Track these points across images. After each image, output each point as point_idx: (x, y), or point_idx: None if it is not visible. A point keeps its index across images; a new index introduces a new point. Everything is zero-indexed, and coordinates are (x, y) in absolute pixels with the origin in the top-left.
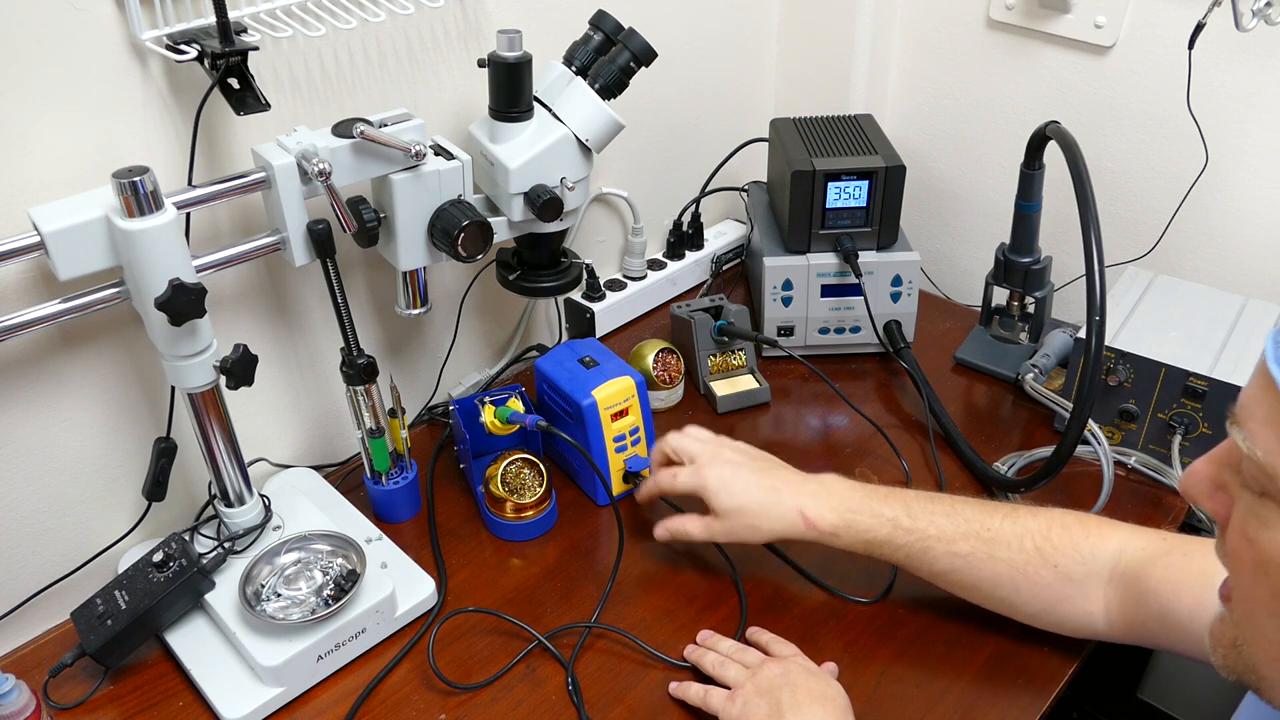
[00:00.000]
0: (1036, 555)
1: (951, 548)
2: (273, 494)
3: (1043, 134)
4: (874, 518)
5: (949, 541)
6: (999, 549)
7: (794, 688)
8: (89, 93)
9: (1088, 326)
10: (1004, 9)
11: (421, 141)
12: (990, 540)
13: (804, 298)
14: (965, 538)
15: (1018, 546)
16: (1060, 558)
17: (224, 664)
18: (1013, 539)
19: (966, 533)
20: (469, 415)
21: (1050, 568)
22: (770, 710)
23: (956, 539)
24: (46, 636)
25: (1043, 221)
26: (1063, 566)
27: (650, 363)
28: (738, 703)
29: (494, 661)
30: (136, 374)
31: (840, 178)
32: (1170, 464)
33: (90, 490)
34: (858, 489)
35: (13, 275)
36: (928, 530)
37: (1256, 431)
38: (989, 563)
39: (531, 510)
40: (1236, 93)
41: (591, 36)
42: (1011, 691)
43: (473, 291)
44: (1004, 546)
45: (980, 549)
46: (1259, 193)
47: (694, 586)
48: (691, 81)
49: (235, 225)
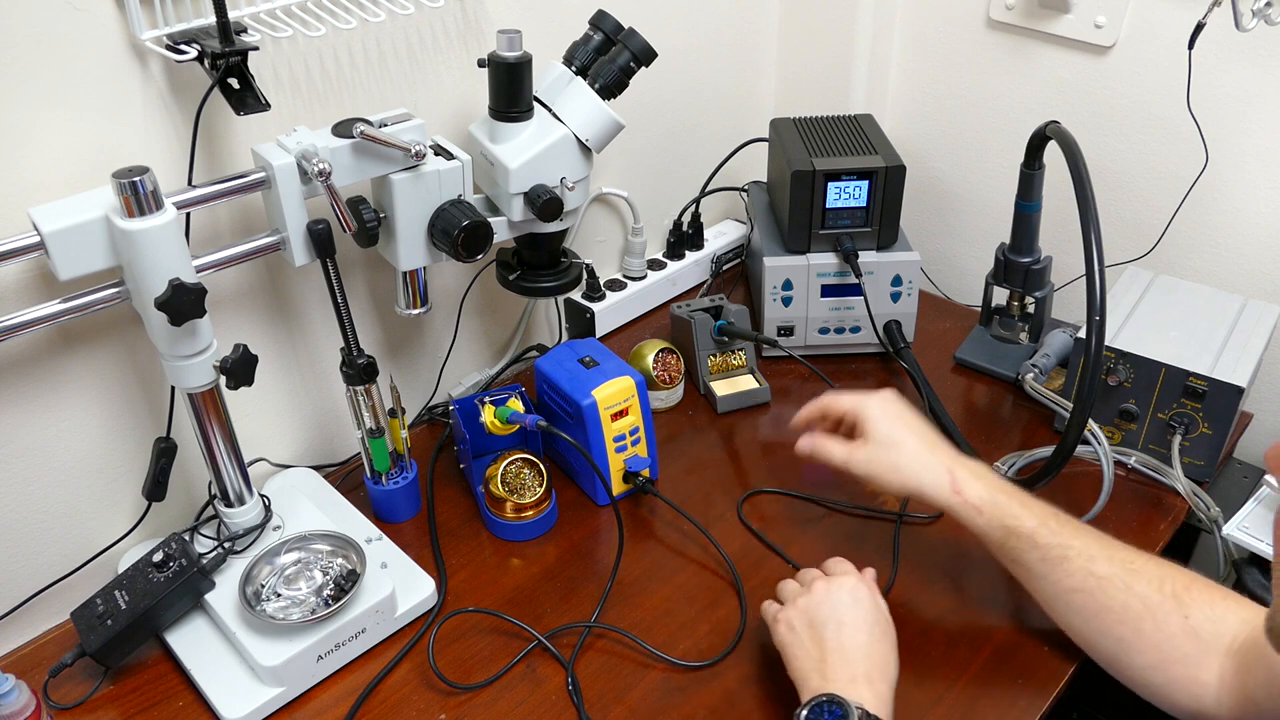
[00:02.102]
0: (1173, 600)
1: (1091, 565)
2: (273, 494)
3: (1043, 134)
4: (1024, 508)
5: (1090, 559)
6: (1137, 582)
7: (840, 624)
8: (89, 93)
9: (1088, 326)
10: (1004, 9)
11: (421, 141)
12: (1132, 571)
13: (804, 298)
14: (1108, 561)
15: (1157, 586)
16: (1195, 611)
17: (224, 664)
18: (1154, 578)
19: (1110, 557)
20: (469, 415)
21: (1182, 618)
22: (813, 648)
23: (1099, 558)
24: (46, 636)
25: (1043, 221)
26: (1194, 620)
27: (650, 363)
28: (783, 626)
29: (494, 661)
30: (136, 374)
31: (840, 178)
32: (1170, 464)
33: (90, 490)
34: (1008, 481)
35: (13, 275)
36: (1071, 539)
37: None
38: (1123, 593)
39: (531, 510)
40: (1236, 93)
41: (591, 36)
42: (1011, 691)
43: (473, 291)
44: (1144, 581)
45: (1119, 576)
46: (1259, 193)
47: (694, 586)
48: (691, 81)
49: (235, 225)
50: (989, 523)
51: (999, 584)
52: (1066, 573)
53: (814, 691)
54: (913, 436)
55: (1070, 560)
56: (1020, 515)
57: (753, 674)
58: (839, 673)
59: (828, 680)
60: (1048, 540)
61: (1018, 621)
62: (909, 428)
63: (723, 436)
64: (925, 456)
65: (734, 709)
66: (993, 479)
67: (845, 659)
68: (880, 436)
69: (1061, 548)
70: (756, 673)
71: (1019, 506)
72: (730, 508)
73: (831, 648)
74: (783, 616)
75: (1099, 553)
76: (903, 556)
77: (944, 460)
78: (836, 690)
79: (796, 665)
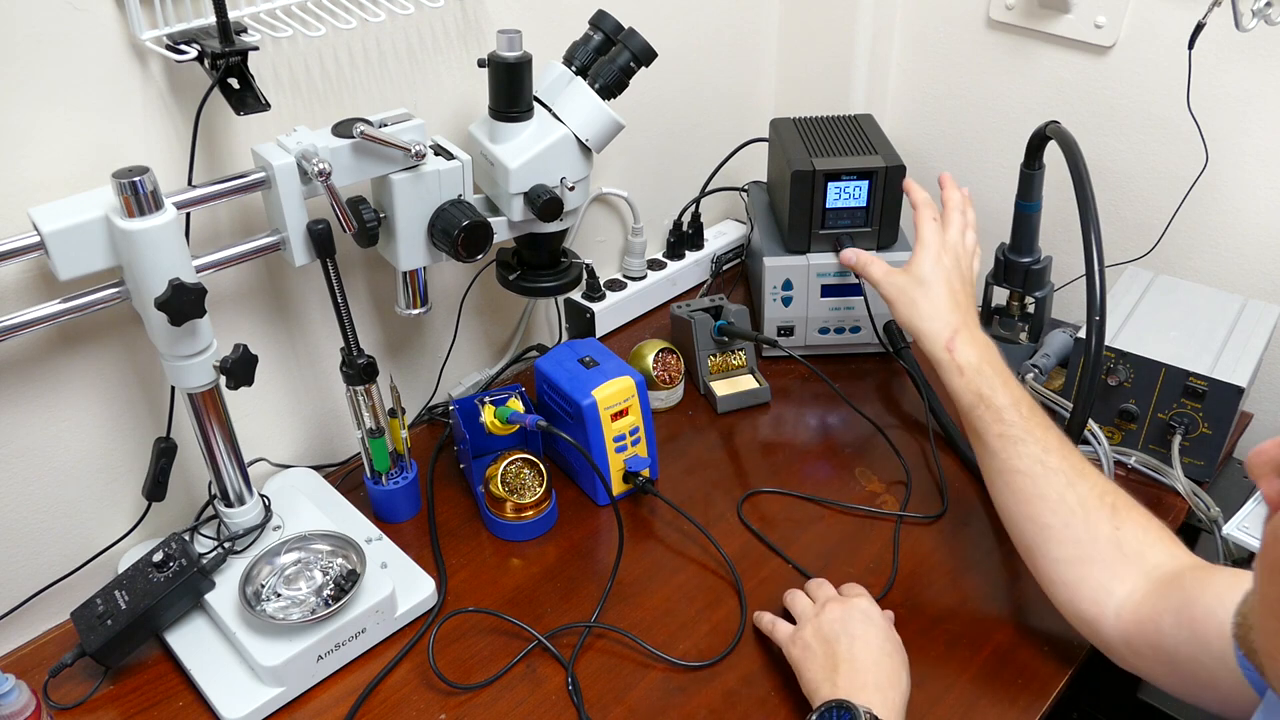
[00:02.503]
0: (1109, 510)
1: (1044, 455)
2: (273, 494)
3: (1043, 134)
4: (1004, 385)
5: (1045, 450)
6: (1081, 484)
7: (852, 639)
8: (89, 93)
9: (1088, 326)
10: (1004, 9)
11: (421, 141)
12: (1080, 474)
13: (804, 298)
14: (1062, 458)
15: (1098, 495)
16: (1126, 527)
17: (224, 664)
18: (1098, 486)
19: (1065, 456)
20: (469, 415)
21: (1112, 528)
22: (826, 660)
23: (1053, 453)
24: (46, 636)
25: (1043, 221)
26: (1123, 533)
27: (650, 363)
28: (798, 646)
29: (494, 661)
30: (136, 374)
31: (840, 178)
32: (1170, 464)
33: (90, 490)
34: (1002, 359)
35: (13, 275)
36: (1035, 429)
37: None
38: (1063, 488)
39: (531, 510)
40: (1236, 93)
41: (591, 36)
42: (1011, 691)
43: (473, 291)
44: (1087, 486)
45: (1066, 473)
46: (1259, 193)
47: (694, 586)
48: (691, 81)
49: (235, 225)
50: (965, 385)
51: (999, 584)
52: (1017, 454)
53: (825, 698)
54: (944, 287)
55: (1025, 445)
56: (997, 390)
57: (753, 674)
58: (850, 681)
59: (838, 689)
60: (1012, 420)
61: (1018, 621)
62: (947, 278)
63: (723, 436)
64: (942, 307)
65: (734, 709)
66: (990, 352)
67: (856, 669)
68: (918, 272)
69: (1022, 432)
70: (756, 673)
71: (999, 382)
72: (730, 508)
73: (843, 659)
74: (797, 637)
75: (1056, 449)
76: (903, 556)
77: (958, 317)
78: (847, 697)
79: (809, 677)
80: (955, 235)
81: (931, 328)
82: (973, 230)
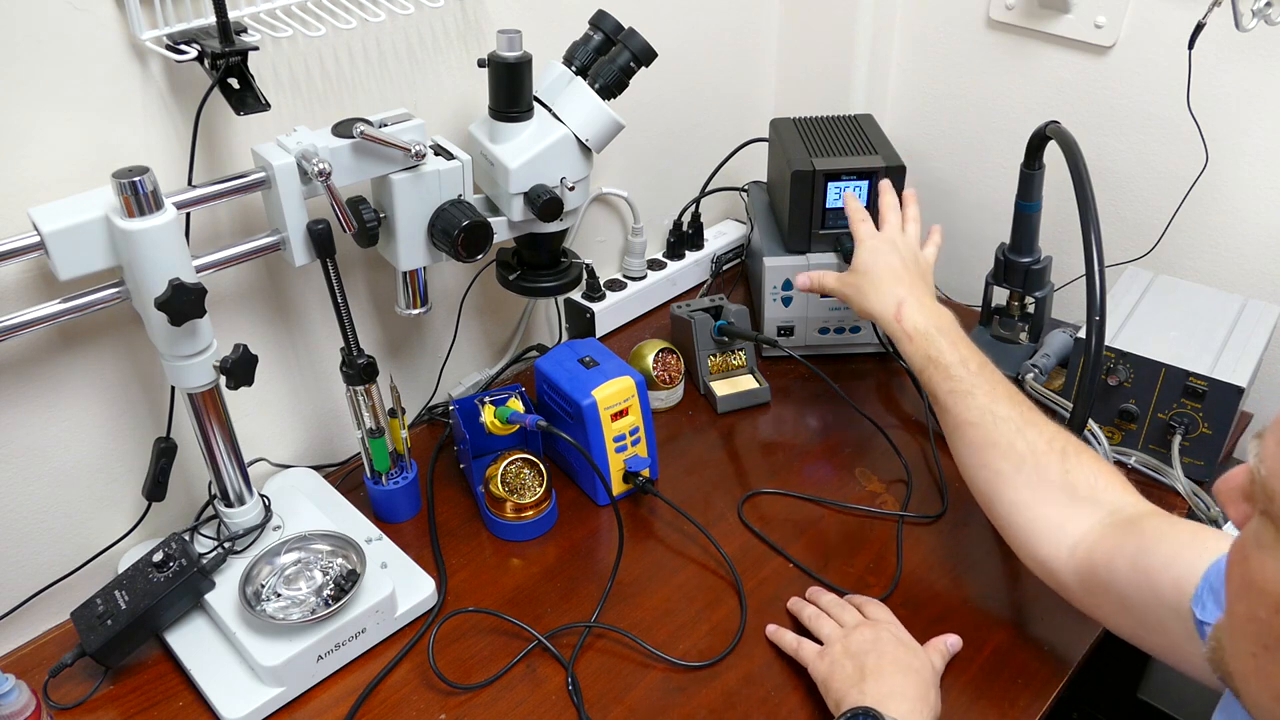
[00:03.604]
0: (1059, 455)
1: (994, 406)
2: (273, 494)
3: (1043, 134)
4: (951, 346)
5: (994, 400)
6: (1030, 430)
7: (880, 654)
8: (89, 93)
9: (1088, 326)
10: (1004, 9)
11: (421, 141)
12: (1029, 422)
13: (804, 298)
14: (1011, 406)
15: (1047, 440)
16: (1076, 470)
17: (224, 664)
18: (1047, 433)
19: (1014, 405)
20: (469, 415)
21: (1063, 472)
22: (854, 672)
23: (1002, 402)
24: (46, 636)
25: (1043, 221)
26: (1073, 476)
27: (650, 363)
28: (826, 661)
29: (494, 661)
30: (136, 374)
31: (840, 178)
32: (1170, 464)
33: (90, 490)
34: (956, 325)
35: (13, 275)
36: (983, 383)
37: (1272, 452)
38: (1013, 435)
39: (531, 510)
40: (1236, 93)
41: (591, 36)
42: (1011, 691)
43: (473, 291)
44: (1036, 432)
45: (1014, 420)
46: (1259, 193)
47: (694, 586)
48: (691, 81)
49: (235, 225)
50: (915, 349)
51: (999, 584)
52: (967, 407)
53: (851, 705)
54: (885, 269)
55: (974, 398)
56: (944, 350)
57: (753, 674)
58: (877, 689)
59: (866, 696)
60: (960, 375)
61: (1018, 621)
62: (887, 262)
63: (723, 436)
64: (886, 286)
65: (734, 709)
66: (941, 318)
67: (883, 679)
68: (859, 265)
69: (971, 386)
70: (756, 673)
71: (947, 343)
72: (730, 508)
73: (871, 670)
74: (825, 654)
75: (1005, 399)
76: (903, 556)
77: (899, 290)
78: (872, 704)
79: (835, 687)
80: (890, 230)
81: (879, 306)
82: (913, 223)
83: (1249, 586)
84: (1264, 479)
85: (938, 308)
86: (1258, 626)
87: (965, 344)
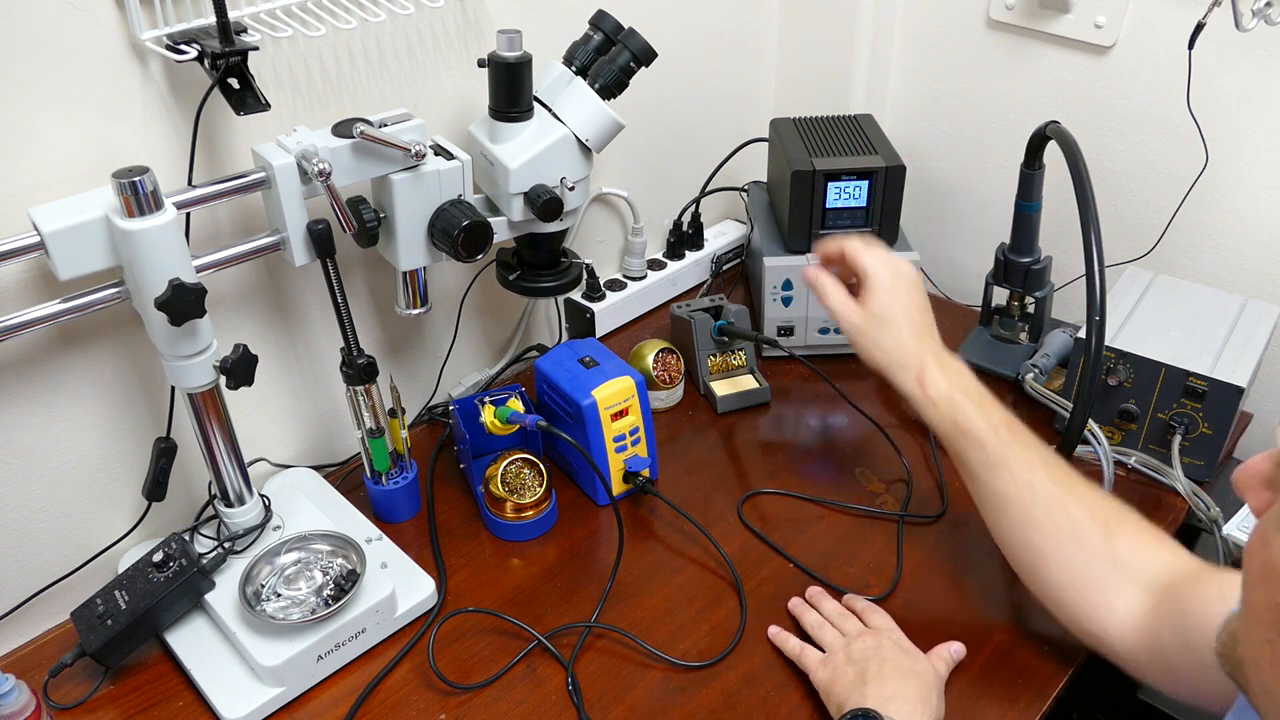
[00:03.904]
0: (1102, 528)
1: (1031, 476)
2: (273, 494)
3: (1043, 134)
4: (980, 411)
5: (1031, 470)
6: (1071, 502)
7: (882, 660)
8: (89, 93)
9: (1088, 326)
10: (1004, 9)
11: (421, 141)
12: (1069, 489)
13: (804, 298)
14: (1048, 477)
15: (1089, 512)
16: (1122, 542)
17: (224, 664)
18: (1089, 502)
19: (1051, 474)
20: (469, 415)
21: (1107, 545)
22: (856, 678)
23: (1039, 472)
24: (46, 636)
25: (1043, 221)
26: (1119, 550)
27: (650, 363)
28: (828, 668)
29: (494, 661)
30: (136, 374)
31: (840, 178)
32: (1170, 464)
33: (90, 490)
34: (979, 385)
35: (13, 275)
36: (1018, 450)
37: None
38: (1055, 510)
39: (531, 510)
40: (1236, 93)
41: (591, 36)
42: (1011, 691)
43: (473, 291)
44: (1077, 504)
45: (1054, 493)
46: (1259, 193)
47: (694, 586)
48: (691, 81)
49: (235, 225)
50: (941, 417)
51: (999, 584)
52: (1004, 479)
53: (853, 705)
54: (906, 319)
55: (1010, 469)
56: (973, 417)
57: (753, 674)
58: (878, 692)
59: (867, 698)
60: (994, 446)
61: (1018, 621)
62: (906, 310)
63: (723, 436)
64: (907, 342)
65: (734, 709)
66: (961, 377)
67: (884, 683)
68: (876, 308)
69: (1005, 455)
70: (756, 673)
71: (975, 408)
72: (730, 508)
73: (873, 675)
74: (828, 661)
75: (1041, 467)
76: (903, 556)
77: (921, 351)
78: (874, 706)
79: (836, 691)
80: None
81: (899, 366)
82: None
83: (1269, 573)
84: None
85: (952, 361)
86: (1275, 613)
87: (992, 404)
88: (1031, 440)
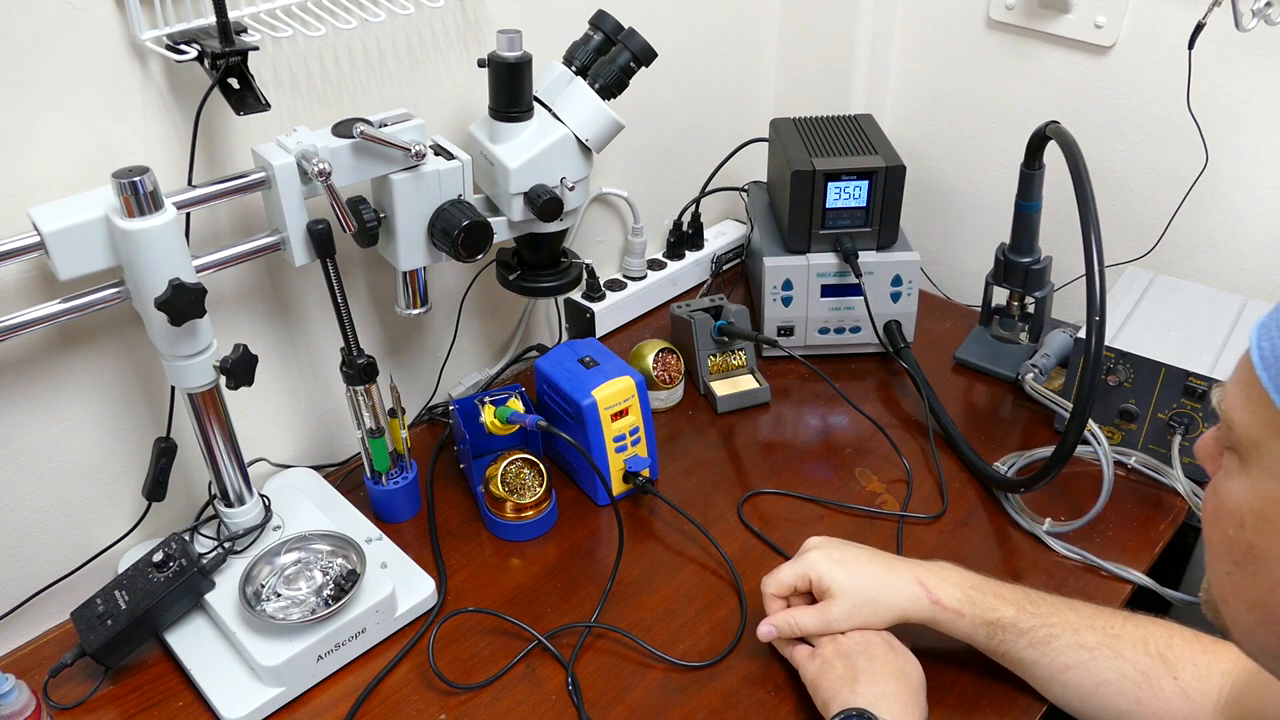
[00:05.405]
0: (1160, 662)
1: (1078, 637)
2: (273, 494)
3: (1043, 134)
4: (997, 598)
5: (1075, 630)
6: (1124, 647)
7: (872, 656)
8: (89, 93)
9: (1088, 326)
10: (1004, 9)
11: (421, 141)
12: (1115, 636)
13: (804, 298)
14: (1090, 629)
15: (1143, 649)
16: (1182, 669)
17: (224, 664)
18: (1137, 640)
19: (1091, 625)
20: (469, 415)
21: (1172, 679)
22: (845, 673)
23: (1081, 629)
24: (46, 636)
25: (1043, 221)
26: (1183, 679)
27: (650, 363)
28: (817, 661)
29: (494, 661)
30: (136, 374)
31: (840, 178)
32: (1170, 464)
33: (90, 490)
34: (973, 574)
35: (13, 275)
36: (1052, 617)
37: (1230, 389)
38: (1115, 661)
39: (531, 510)
40: (1236, 93)
41: (591, 36)
42: (1012, 691)
43: (473, 291)
44: (1129, 645)
45: (1106, 643)
46: (1259, 193)
47: (694, 586)
48: (691, 81)
49: (235, 225)
50: (971, 623)
51: None
52: (1056, 651)
53: (843, 705)
54: (871, 568)
55: (1056, 638)
56: (998, 607)
57: (753, 674)
58: (870, 690)
59: (858, 696)
60: (1030, 624)
61: None
62: (859, 561)
63: (723, 436)
64: (893, 579)
65: (734, 709)
66: (958, 575)
67: (876, 681)
68: (844, 586)
69: (1045, 627)
70: (756, 673)
71: (994, 598)
72: (730, 508)
73: (864, 671)
74: (816, 654)
75: (1080, 624)
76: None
77: (907, 572)
78: (866, 706)
79: (825, 686)
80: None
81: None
82: None
83: (1219, 512)
84: (1225, 412)
85: (938, 564)
86: (1228, 546)
87: (1002, 587)
88: (1052, 599)
